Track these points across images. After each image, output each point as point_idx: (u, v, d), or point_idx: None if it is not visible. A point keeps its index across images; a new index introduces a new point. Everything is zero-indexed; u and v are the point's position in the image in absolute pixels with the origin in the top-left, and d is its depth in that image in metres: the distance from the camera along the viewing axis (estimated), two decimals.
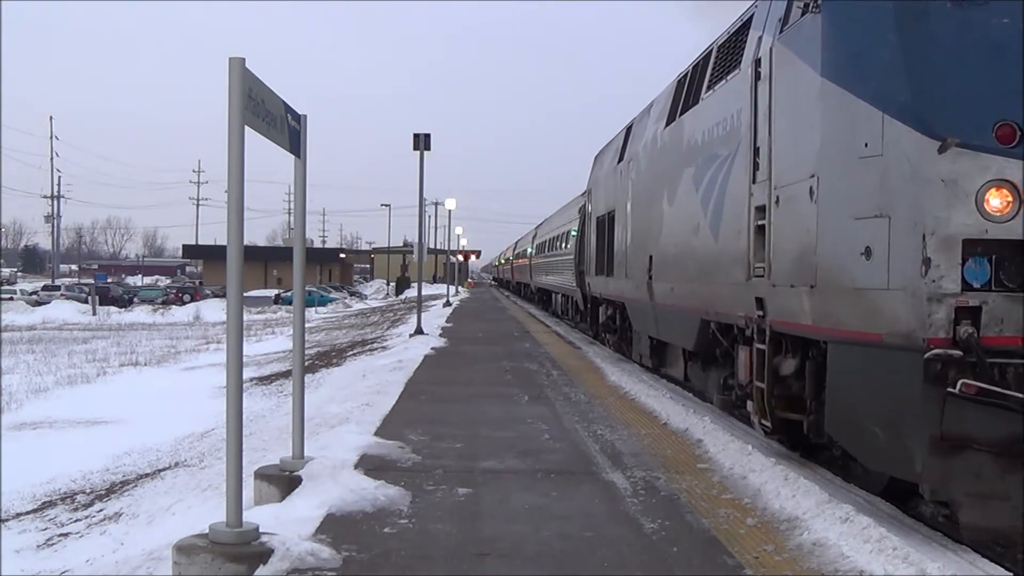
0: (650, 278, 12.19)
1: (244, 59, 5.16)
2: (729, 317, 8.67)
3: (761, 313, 7.57)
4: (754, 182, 7.78)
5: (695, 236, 9.78)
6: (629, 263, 13.98)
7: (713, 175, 9.08)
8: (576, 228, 23.69)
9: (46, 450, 13.53)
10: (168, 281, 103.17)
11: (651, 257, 12.16)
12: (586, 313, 21.89)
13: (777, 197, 7.22)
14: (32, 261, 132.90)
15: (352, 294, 75.81)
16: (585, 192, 21.48)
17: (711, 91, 9.59)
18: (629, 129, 15.47)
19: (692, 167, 10.04)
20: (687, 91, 10.92)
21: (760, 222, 7.62)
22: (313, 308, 54.42)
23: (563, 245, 27.93)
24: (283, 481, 6.60)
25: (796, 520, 5.75)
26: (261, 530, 5.08)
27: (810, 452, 7.77)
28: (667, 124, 11.79)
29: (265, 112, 5.68)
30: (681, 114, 10.95)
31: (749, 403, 8.13)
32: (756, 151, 7.74)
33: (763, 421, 7.69)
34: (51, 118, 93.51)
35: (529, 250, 45.53)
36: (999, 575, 4.95)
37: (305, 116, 6.78)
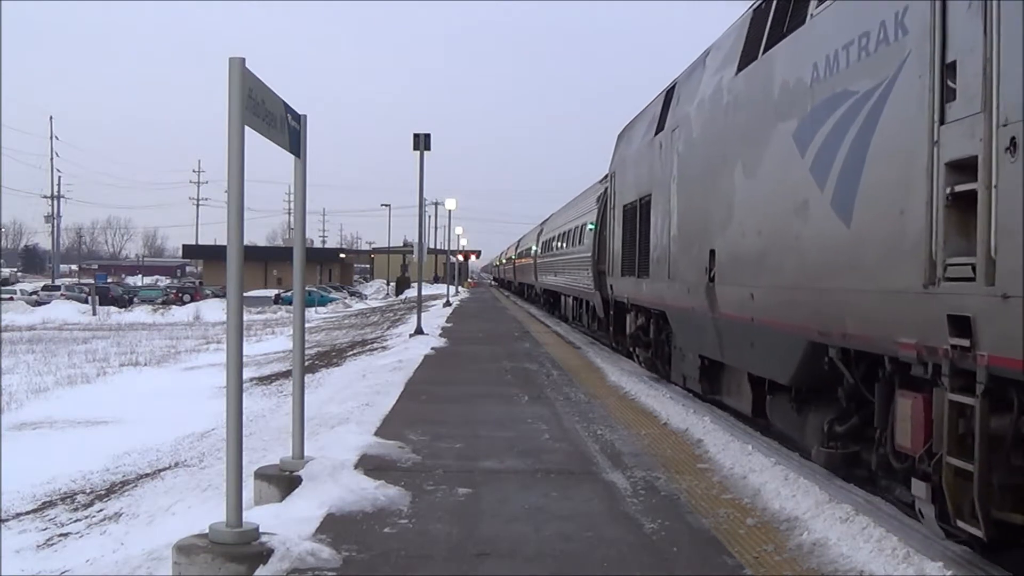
0: (711, 280, 9.29)
1: (244, 59, 5.17)
2: (873, 343, 5.80)
3: (965, 342, 4.68)
4: (943, 122, 4.94)
5: (800, 219, 6.93)
6: (674, 260, 10.98)
7: (840, 124, 6.19)
8: (594, 221, 20.45)
9: (46, 450, 13.54)
10: (168, 281, 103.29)
11: (712, 252, 9.29)
12: (607, 321, 18.20)
13: (1012, 139, 4.36)
14: (32, 261, 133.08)
15: (352, 294, 75.86)
16: (606, 177, 18.11)
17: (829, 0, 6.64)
18: (670, 92, 12.22)
19: (793, 120, 7.12)
20: (775, 15, 7.87)
21: (963, 187, 4.76)
22: (313, 308, 54.49)
23: (577, 241, 24.64)
24: (283, 481, 6.60)
25: (796, 520, 5.75)
26: (261, 530, 5.08)
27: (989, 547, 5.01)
28: (740, 68, 8.68)
29: (265, 112, 5.69)
30: (766, 49, 7.95)
31: (917, 484, 5.25)
32: (949, 69, 4.94)
33: (961, 523, 4.76)
34: (51, 118, 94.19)
35: (534, 248, 41.36)
36: (999, 575, 4.94)
37: (305, 116, 6.79)
